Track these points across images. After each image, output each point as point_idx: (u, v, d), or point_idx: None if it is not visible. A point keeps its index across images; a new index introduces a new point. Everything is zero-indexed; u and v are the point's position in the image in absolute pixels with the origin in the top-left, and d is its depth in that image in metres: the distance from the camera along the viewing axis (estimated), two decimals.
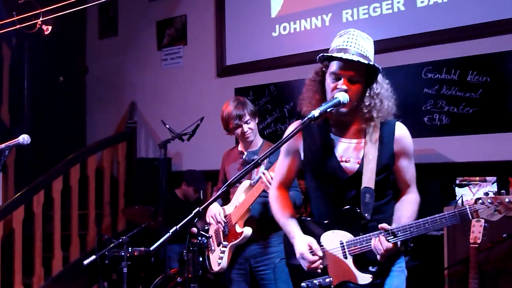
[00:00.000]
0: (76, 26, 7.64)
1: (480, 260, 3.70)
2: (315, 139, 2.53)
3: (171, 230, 2.13)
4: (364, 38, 2.40)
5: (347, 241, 2.40)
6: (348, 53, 2.32)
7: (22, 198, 5.47)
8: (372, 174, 2.37)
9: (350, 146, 2.45)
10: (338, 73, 2.35)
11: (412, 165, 2.52)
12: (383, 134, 2.42)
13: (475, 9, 4.69)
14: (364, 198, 2.36)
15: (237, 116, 3.76)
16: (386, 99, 2.41)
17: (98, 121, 7.63)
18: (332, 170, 2.45)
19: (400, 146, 2.45)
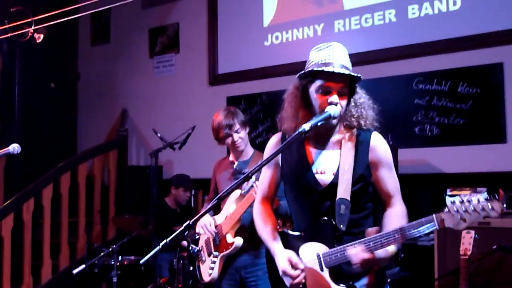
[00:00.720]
0: (68, 33, 7.62)
1: (470, 271, 3.71)
2: (292, 151, 2.52)
3: (161, 243, 2.11)
4: (343, 50, 2.42)
5: (323, 253, 2.38)
6: (332, 66, 2.33)
7: (11, 206, 5.43)
8: (348, 185, 2.34)
9: (325, 158, 2.44)
10: (329, 86, 2.34)
11: (392, 175, 2.46)
12: (359, 144, 2.41)
13: (466, 21, 4.74)
14: (339, 209, 2.33)
15: (227, 125, 3.76)
16: (366, 109, 2.44)
17: (89, 128, 7.60)
18: (307, 182, 2.44)
19: (376, 156, 2.41)
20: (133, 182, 6.45)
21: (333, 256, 2.34)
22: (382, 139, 2.46)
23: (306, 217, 2.49)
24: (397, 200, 2.45)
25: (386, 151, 2.45)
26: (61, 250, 5.85)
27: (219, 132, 3.82)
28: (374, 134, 2.44)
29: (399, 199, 2.46)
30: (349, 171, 2.35)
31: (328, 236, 2.38)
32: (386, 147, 2.46)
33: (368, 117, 2.43)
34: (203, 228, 3.79)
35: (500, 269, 3.91)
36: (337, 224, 2.33)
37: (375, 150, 2.41)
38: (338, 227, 2.33)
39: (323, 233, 2.39)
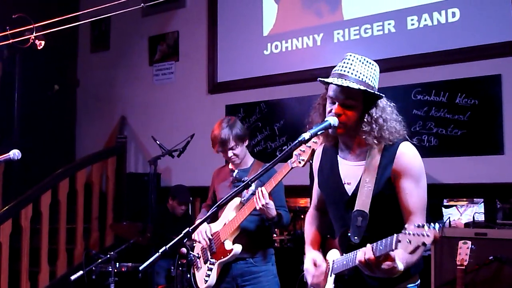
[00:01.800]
0: (68, 39, 7.64)
1: (466, 282, 3.73)
2: (327, 160, 2.55)
3: (160, 250, 2.12)
4: (362, 63, 2.34)
5: (334, 260, 2.43)
6: (343, 78, 2.30)
7: (9, 211, 5.43)
8: (367, 198, 2.29)
9: (351, 169, 2.42)
10: (332, 97, 2.35)
11: (419, 190, 2.29)
12: (385, 155, 2.33)
13: (464, 33, 4.77)
14: (356, 221, 2.30)
15: (221, 142, 3.78)
16: (388, 123, 2.32)
17: (88, 134, 7.61)
18: (335, 191, 2.47)
19: (400, 164, 2.29)
20: (131, 189, 6.45)
21: (340, 262, 2.37)
22: (412, 149, 2.33)
23: (337, 225, 2.52)
24: (419, 219, 2.23)
25: (413, 161, 2.31)
26: (58, 256, 5.85)
27: (213, 146, 3.88)
28: (404, 144, 2.33)
29: (422, 220, 2.24)
30: (370, 182, 2.30)
31: (343, 246, 2.41)
32: (415, 157, 2.32)
33: (382, 134, 2.30)
34: (198, 235, 3.80)
35: (497, 280, 3.92)
36: (351, 235, 2.32)
37: (400, 159, 2.29)
38: (352, 239, 2.31)
39: (343, 242, 2.42)
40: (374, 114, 2.32)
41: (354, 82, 2.28)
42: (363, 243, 2.23)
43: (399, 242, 1.95)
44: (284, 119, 5.78)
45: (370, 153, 2.35)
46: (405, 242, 1.93)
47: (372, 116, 2.32)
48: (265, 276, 3.75)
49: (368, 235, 2.28)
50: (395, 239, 1.97)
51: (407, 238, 1.92)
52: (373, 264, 2.10)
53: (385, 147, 2.34)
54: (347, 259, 2.30)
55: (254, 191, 3.63)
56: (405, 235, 1.93)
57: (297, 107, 5.62)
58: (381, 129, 2.31)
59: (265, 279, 3.75)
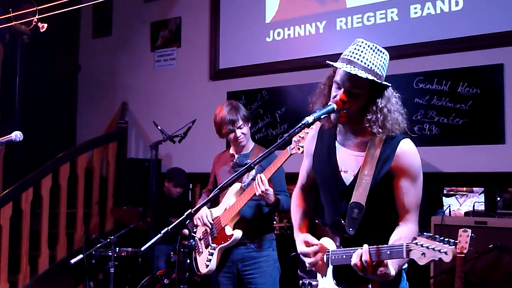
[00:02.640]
0: (70, 25, 7.63)
1: (466, 270, 3.74)
2: (323, 143, 2.52)
3: (163, 231, 2.12)
4: (373, 51, 2.31)
5: (332, 250, 2.40)
6: (352, 65, 2.27)
7: (10, 194, 5.44)
8: (365, 190, 2.28)
9: (349, 157, 2.40)
10: (338, 83, 2.32)
11: (415, 189, 2.31)
12: (385, 149, 2.31)
13: (468, 22, 4.76)
14: (351, 213, 2.29)
15: (230, 121, 3.79)
16: (392, 114, 2.30)
17: (88, 120, 7.60)
18: (331, 178, 2.45)
19: (400, 163, 2.28)
20: (132, 175, 6.46)
21: (338, 256, 2.34)
22: (413, 147, 2.33)
23: (329, 211, 2.51)
24: (412, 218, 2.30)
25: (413, 161, 2.31)
26: (58, 240, 5.86)
27: (221, 127, 3.85)
28: (404, 141, 2.32)
29: (415, 218, 2.31)
30: (368, 175, 2.29)
31: (338, 236, 2.39)
32: (414, 156, 2.32)
33: (386, 124, 2.29)
34: (199, 220, 3.82)
35: (496, 268, 3.94)
36: (346, 226, 2.32)
37: (400, 158, 2.29)
38: (347, 230, 2.31)
39: (336, 232, 2.41)
40: (380, 103, 2.30)
41: (362, 71, 2.25)
42: (358, 235, 2.27)
43: (410, 251, 1.96)
44: (286, 106, 5.77)
45: (371, 145, 2.33)
46: (419, 253, 1.93)
47: (378, 105, 2.30)
48: (265, 261, 3.77)
49: (363, 227, 2.29)
50: (405, 248, 1.97)
51: (421, 250, 1.92)
52: (369, 268, 2.10)
53: (385, 140, 2.32)
54: (346, 254, 2.27)
55: (254, 176, 3.64)
56: (418, 246, 1.93)
57: (298, 94, 5.61)
58: (385, 119, 2.29)
59: (265, 264, 3.76)
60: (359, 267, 2.12)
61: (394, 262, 2.12)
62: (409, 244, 1.97)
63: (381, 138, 2.33)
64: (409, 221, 2.29)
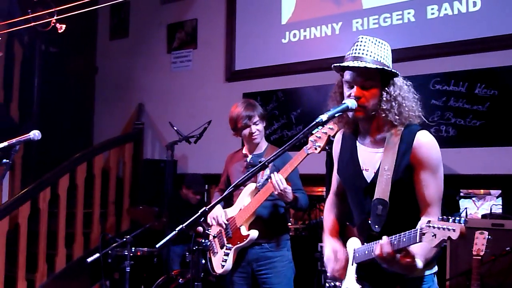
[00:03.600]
0: (87, 27, 7.70)
1: (482, 273, 3.71)
2: (347, 146, 2.53)
3: (177, 228, 2.14)
4: (374, 43, 2.34)
5: (356, 249, 2.41)
6: (359, 60, 2.29)
7: (28, 194, 5.51)
8: (387, 186, 2.26)
9: (369, 155, 2.40)
10: (350, 81, 2.33)
11: (436, 181, 2.26)
12: (403, 143, 2.29)
13: (485, 22, 4.72)
14: (376, 210, 2.27)
15: (247, 116, 3.79)
16: (406, 101, 2.30)
17: (106, 121, 7.67)
18: (354, 178, 2.44)
19: (418, 156, 2.25)
20: (148, 175, 6.50)
21: (361, 252, 2.34)
22: (430, 139, 2.30)
23: (356, 211, 2.50)
24: (434, 211, 2.24)
25: (431, 153, 2.27)
26: (75, 239, 5.93)
27: (237, 122, 3.83)
28: (421, 133, 2.29)
29: (437, 211, 2.25)
30: (389, 170, 2.27)
31: (364, 235, 2.38)
32: (432, 148, 2.29)
33: (402, 112, 2.28)
34: (214, 220, 3.83)
35: None
36: (372, 224, 2.30)
37: (418, 150, 2.26)
38: (373, 228, 2.29)
39: (363, 230, 2.40)
40: (393, 92, 2.30)
41: (370, 63, 2.28)
42: (384, 232, 2.21)
43: (423, 235, 1.93)
44: (301, 107, 5.77)
45: (389, 140, 2.32)
46: (430, 235, 1.91)
47: (391, 94, 2.30)
48: (280, 261, 3.77)
49: (389, 223, 2.26)
50: (419, 231, 1.96)
51: (432, 231, 1.90)
52: (391, 258, 2.08)
53: (402, 133, 2.31)
54: (368, 249, 2.27)
55: (268, 176, 3.64)
56: (430, 228, 1.91)
57: (314, 96, 5.61)
58: (400, 106, 2.29)
59: (280, 264, 3.76)
60: (381, 258, 2.10)
61: (420, 254, 2.09)
62: (422, 228, 1.95)
63: (398, 132, 2.32)
64: (431, 215, 2.21)
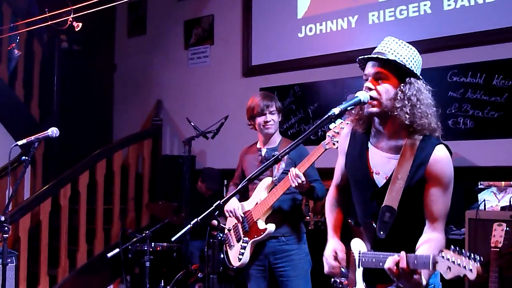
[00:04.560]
0: (105, 25, 7.78)
1: (500, 265, 3.69)
2: (356, 143, 2.52)
3: (192, 221, 2.18)
4: (398, 44, 2.35)
5: (362, 252, 2.41)
6: (378, 55, 2.32)
7: (49, 190, 5.60)
8: (397, 194, 2.27)
9: (382, 159, 2.38)
10: (365, 73, 2.36)
11: (445, 198, 2.28)
12: (419, 155, 2.28)
13: (502, 13, 4.66)
14: (383, 216, 2.29)
15: (265, 104, 3.86)
16: (421, 105, 2.27)
17: (124, 117, 7.75)
18: (362, 179, 2.44)
19: (433, 171, 2.26)
20: (167, 171, 6.56)
21: (368, 258, 2.35)
22: (447, 155, 2.30)
23: (360, 211, 2.51)
24: (439, 226, 2.28)
25: (446, 169, 2.28)
26: (96, 235, 6.00)
27: (254, 108, 3.90)
28: (439, 147, 2.28)
29: (442, 227, 2.29)
30: (402, 179, 2.28)
31: (369, 239, 2.41)
32: (447, 165, 2.29)
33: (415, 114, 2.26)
34: (231, 213, 3.87)
35: None
36: (377, 230, 2.32)
37: (435, 165, 2.26)
38: (378, 234, 2.31)
39: (367, 234, 2.43)
40: (408, 91, 2.28)
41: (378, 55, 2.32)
42: (389, 238, 2.27)
43: (436, 263, 1.96)
44: (318, 101, 5.77)
45: (406, 149, 2.31)
46: (444, 267, 1.93)
47: (405, 93, 2.28)
48: (297, 254, 3.79)
49: (394, 231, 2.29)
50: (432, 260, 1.98)
51: (447, 264, 1.92)
52: (404, 274, 2.09)
53: (420, 144, 2.29)
54: (376, 258, 2.28)
55: (284, 169, 3.67)
56: (445, 260, 1.93)
57: (331, 89, 5.61)
58: (414, 107, 2.26)
59: (297, 257, 3.79)
60: (394, 273, 2.11)
61: (425, 273, 2.11)
62: (435, 257, 1.97)
63: (415, 142, 2.30)
64: (436, 230, 2.27)
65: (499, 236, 3.67)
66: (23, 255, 5.24)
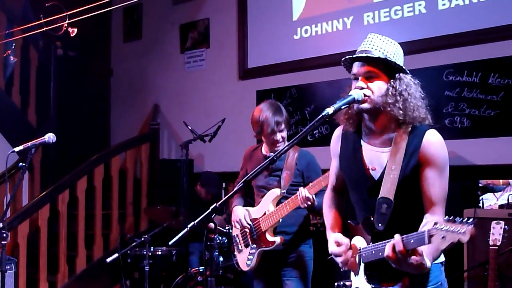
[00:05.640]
0: (101, 30, 7.79)
1: (499, 263, 3.69)
2: (348, 143, 2.51)
3: (189, 225, 2.18)
4: (383, 41, 2.37)
5: (362, 248, 2.40)
6: (364, 53, 2.33)
7: (47, 196, 5.59)
8: (392, 185, 2.27)
9: (376, 154, 2.39)
10: (354, 73, 2.36)
11: (442, 181, 2.26)
12: (410, 142, 2.29)
13: (497, 11, 4.68)
14: (380, 208, 2.28)
15: (276, 122, 3.67)
16: (412, 99, 2.30)
17: (122, 122, 7.75)
18: (358, 177, 2.44)
19: (427, 153, 2.25)
20: (165, 176, 6.55)
21: (368, 252, 2.33)
22: (439, 138, 2.30)
23: (359, 210, 2.50)
24: (439, 210, 2.25)
25: (439, 151, 2.28)
26: (95, 241, 5.99)
27: (263, 127, 3.70)
28: (430, 131, 2.29)
29: (442, 211, 2.26)
30: (396, 170, 2.28)
31: (368, 233, 2.39)
32: (441, 147, 2.29)
33: (407, 108, 2.27)
34: (238, 223, 3.83)
35: None
36: (375, 222, 2.31)
37: (427, 148, 2.26)
38: (376, 226, 2.31)
39: (366, 229, 2.41)
40: (398, 86, 2.30)
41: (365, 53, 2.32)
42: (388, 230, 2.24)
43: (432, 236, 1.93)
44: (315, 103, 5.78)
45: (396, 140, 2.32)
46: (439, 238, 1.90)
47: (396, 88, 2.30)
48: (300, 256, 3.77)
49: (392, 222, 2.28)
50: (427, 233, 1.95)
51: (442, 234, 1.90)
52: (402, 257, 2.06)
53: (410, 133, 2.31)
54: (376, 249, 2.27)
55: (293, 181, 3.67)
56: (439, 230, 1.90)
57: (327, 91, 5.61)
58: (406, 101, 2.29)
59: (301, 259, 3.76)
60: (392, 258, 2.09)
61: (427, 253, 2.07)
62: (430, 230, 1.94)
63: (405, 132, 2.31)
64: (436, 214, 2.24)
65: (498, 234, 3.67)
66: (22, 262, 5.23)
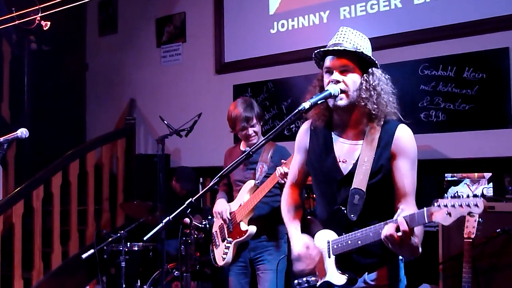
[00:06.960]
0: (76, 24, 7.69)
1: (474, 255, 3.72)
2: (319, 137, 2.53)
3: (164, 220, 2.16)
4: (354, 35, 2.40)
5: (332, 240, 2.40)
6: (338, 46, 2.34)
7: (21, 192, 5.51)
8: (365, 177, 2.32)
9: (348, 147, 2.42)
10: (329, 66, 2.37)
11: (413, 172, 2.35)
12: (383, 136, 2.36)
13: (471, 6, 4.72)
14: (352, 199, 2.31)
15: (245, 118, 3.87)
16: (385, 94, 2.36)
17: (97, 117, 7.66)
18: (328, 169, 2.45)
19: (399, 145, 2.33)
20: (141, 171, 6.50)
21: (340, 243, 2.34)
22: (409, 133, 2.38)
23: (326, 204, 2.50)
24: (412, 201, 2.33)
25: (410, 145, 2.36)
26: (70, 237, 5.93)
27: (236, 123, 3.92)
28: (401, 126, 2.38)
29: (414, 202, 2.34)
30: (368, 162, 2.33)
31: (339, 225, 2.39)
32: (411, 141, 2.37)
33: (380, 102, 2.33)
34: (219, 214, 3.93)
35: (504, 253, 3.91)
36: (348, 213, 2.33)
37: (400, 140, 2.34)
38: (349, 217, 2.33)
39: (336, 221, 2.40)
40: (372, 81, 2.35)
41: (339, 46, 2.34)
42: (360, 220, 2.30)
43: (432, 214, 1.98)
44: (292, 97, 5.78)
45: (368, 133, 2.37)
46: (443, 214, 1.95)
47: (370, 83, 2.34)
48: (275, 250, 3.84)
49: (365, 212, 2.32)
50: (427, 212, 2.00)
51: (446, 210, 1.94)
52: (405, 238, 2.07)
53: (382, 127, 2.37)
54: (352, 239, 2.29)
55: (267, 173, 3.76)
56: (442, 208, 1.95)
57: (304, 85, 5.48)
58: (379, 96, 2.34)
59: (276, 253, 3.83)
60: (396, 239, 2.09)
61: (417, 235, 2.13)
62: (430, 208, 1.99)
63: (377, 126, 2.37)
64: (410, 203, 2.30)
65: (472, 227, 3.70)
66: None
